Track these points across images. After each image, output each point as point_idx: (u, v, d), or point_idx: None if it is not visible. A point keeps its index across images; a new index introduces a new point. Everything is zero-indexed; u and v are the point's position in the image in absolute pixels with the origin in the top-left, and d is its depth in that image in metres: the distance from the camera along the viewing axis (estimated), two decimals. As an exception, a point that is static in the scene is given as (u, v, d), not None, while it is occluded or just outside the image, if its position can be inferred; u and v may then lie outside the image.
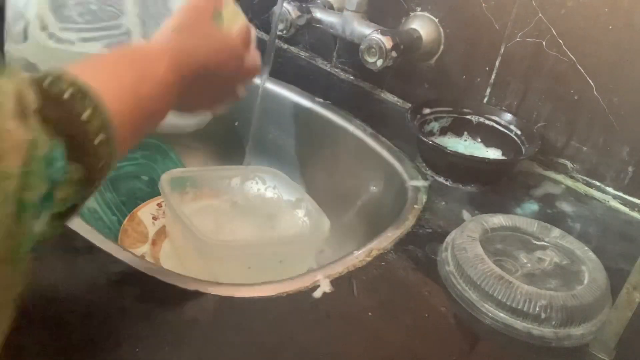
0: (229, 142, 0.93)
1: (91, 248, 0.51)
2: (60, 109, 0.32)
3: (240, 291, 0.51)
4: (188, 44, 0.46)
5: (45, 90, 0.32)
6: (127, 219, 0.77)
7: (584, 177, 0.77)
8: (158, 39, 0.47)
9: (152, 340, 0.44)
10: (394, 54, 0.80)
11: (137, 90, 0.40)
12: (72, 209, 0.34)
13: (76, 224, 0.53)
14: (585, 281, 0.55)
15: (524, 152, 0.75)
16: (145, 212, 0.79)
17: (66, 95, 0.32)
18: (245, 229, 0.77)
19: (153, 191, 0.82)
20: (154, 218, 0.79)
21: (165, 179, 0.69)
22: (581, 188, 0.77)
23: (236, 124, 0.89)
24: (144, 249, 0.74)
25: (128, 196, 0.85)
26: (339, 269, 0.55)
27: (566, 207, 0.72)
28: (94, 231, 0.53)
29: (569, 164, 0.78)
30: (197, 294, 0.49)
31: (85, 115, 0.33)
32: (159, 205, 0.81)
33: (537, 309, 0.51)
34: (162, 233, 0.76)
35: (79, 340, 0.43)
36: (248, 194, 0.81)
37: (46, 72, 0.33)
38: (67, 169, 0.32)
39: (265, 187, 0.80)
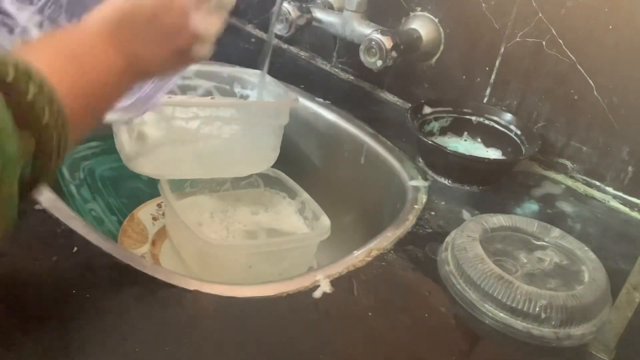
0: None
1: (91, 248, 0.52)
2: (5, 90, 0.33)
3: (241, 291, 0.51)
4: (136, 52, 0.44)
5: None
6: (127, 219, 0.77)
7: (584, 177, 0.77)
8: (99, 42, 0.43)
9: (152, 340, 0.44)
10: (394, 54, 0.80)
11: (82, 84, 0.40)
12: (34, 181, 0.36)
13: (76, 224, 0.53)
14: (585, 281, 0.55)
15: (524, 152, 0.75)
16: (145, 212, 0.79)
17: (9, 79, 0.33)
18: (244, 228, 0.77)
19: (153, 192, 0.82)
20: (154, 218, 0.79)
21: (164, 180, 0.69)
22: (581, 188, 0.77)
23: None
24: (143, 249, 0.74)
25: (128, 197, 0.85)
26: (339, 269, 0.55)
27: (566, 207, 0.72)
28: (93, 231, 0.53)
29: (569, 164, 0.78)
30: (197, 294, 0.49)
31: (30, 95, 0.33)
32: (159, 205, 0.81)
33: (537, 309, 0.51)
34: (162, 233, 0.76)
35: (79, 340, 0.43)
36: (248, 193, 0.81)
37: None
38: (17, 134, 0.32)
39: (265, 187, 0.80)
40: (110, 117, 0.48)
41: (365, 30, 0.83)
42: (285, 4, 0.87)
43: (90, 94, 0.41)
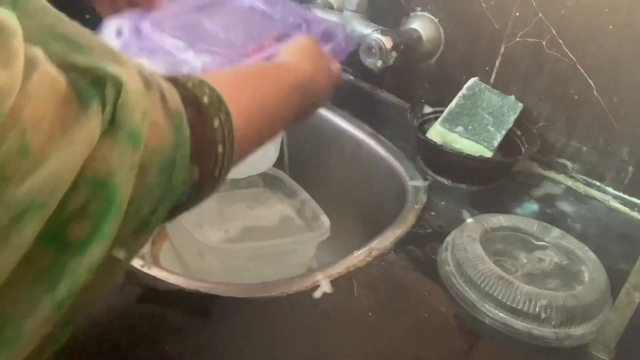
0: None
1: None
2: (196, 111, 0.33)
3: (241, 291, 0.51)
4: (308, 67, 0.52)
5: (186, 91, 0.33)
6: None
7: (584, 177, 0.77)
8: (284, 58, 0.53)
9: (152, 340, 0.44)
10: (394, 54, 0.80)
11: (264, 100, 0.42)
12: (178, 208, 0.35)
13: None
14: (585, 281, 0.55)
15: (523, 152, 0.75)
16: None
17: (205, 100, 0.34)
18: (244, 228, 0.77)
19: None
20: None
21: None
22: (581, 188, 0.77)
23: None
24: (144, 249, 0.74)
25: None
26: (339, 269, 0.55)
27: (566, 207, 0.72)
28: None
29: (569, 164, 0.78)
30: (197, 294, 0.49)
31: (216, 122, 0.34)
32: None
33: (537, 309, 0.51)
34: (162, 233, 0.76)
35: (78, 340, 0.43)
36: (247, 193, 0.81)
37: (186, 75, 0.35)
38: (188, 168, 0.32)
39: (265, 187, 0.81)
40: None
41: (365, 30, 0.83)
42: (285, 4, 0.87)
43: (263, 109, 0.42)
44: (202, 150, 0.33)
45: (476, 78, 0.79)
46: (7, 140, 0.22)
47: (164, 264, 0.72)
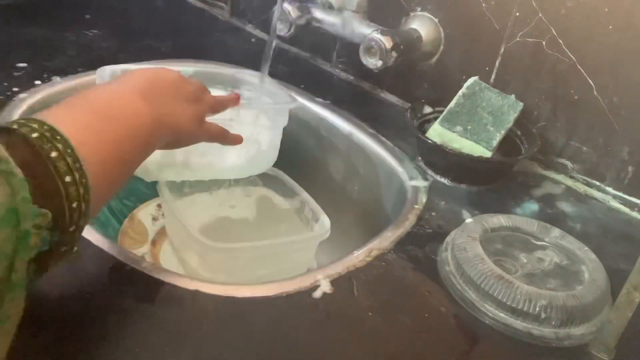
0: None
1: (91, 248, 0.51)
2: (28, 148, 0.31)
3: (241, 291, 0.51)
4: (163, 110, 0.47)
5: (13, 131, 0.31)
6: (126, 220, 0.77)
7: (584, 177, 0.77)
8: (131, 98, 0.45)
9: (152, 340, 0.44)
10: (394, 54, 0.80)
11: (119, 145, 0.40)
12: (47, 257, 0.33)
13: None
14: (585, 281, 0.55)
15: (523, 152, 0.75)
16: (145, 213, 0.79)
17: (35, 135, 0.32)
18: (244, 228, 0.77)
19: (152, 192, 0.82)
20: (154, 219, 0.79)
21: (163, 181, 0.69)
22: (581, 188, 0.77)
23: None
24: (144, 249, 0.74)
25: (128, 197, 0.85)
26: (339, 269, 0.55)
27: (566, 207, 0.72)
28: (93, 231, 0.53)
29: (569, 164, 0.78)
30: (197, 294, 0.49)
31: (53, 154, 0.32)
32: (159, 206, 0.81)
33: (537, 309, 0.51)
34: (162, 233, 0.76)
35: (79, 340, 0.43)
36: (247, 192, 0.81)
37: (14, 120, 0.33)
38: (35, 212, 0.30)
39: (264, 186, 0.80)
40: None
41: (365, 30, 0.83)
42: (285, 4, 0.87)
43: (118, 141, 0.40)
44: (47, 187, 0.31)
45: (476, 77, 0.79)
46: None
47: (164, 264, 0.72)
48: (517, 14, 0.77)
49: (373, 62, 0.80)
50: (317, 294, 0.52)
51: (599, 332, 0.49)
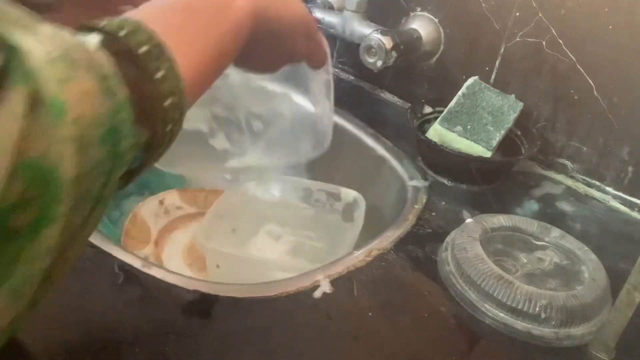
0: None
1: (91, 248, 0.52)
2: (133, 65, 0.29)
3: (241, 291, 0.51)
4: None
5: (119, 41, 0.29)
6: (128, 219, 0.77)
7: (584, 177, 0.77)
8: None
9: (152, 340, 0.44)
10: (394, 54, 0.80)
11: (207, 34, 0.36)
12: (132, 172, 0.32)
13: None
14: (585, 281, 0.55)
15: (523, 152, 0.75)
16: (147, 210, 0.78)
17: (142, 50, 0.30)
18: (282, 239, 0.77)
19: (155, 187, 0.82)
20: (156, 216, 0.78)
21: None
22: (581, 188, 0.77)
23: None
24: (147, 250, 0.73)
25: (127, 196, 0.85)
26: (339, 269, 0.55)
27: (566, 207, 0.72)
28: (97, 233, 0.53)
29: (569, 164, 0.78)
30: (197, 294, 0.49)
31: (158, 74, 0.30)
32: (161, 202, 0.80)
33: (537, 309, 0.51)
34: (164, 232, 0.76)
35: (78, 340, 0.43)
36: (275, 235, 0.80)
37: (120, 21, 0.30)
38: (134, 133, 0.29)
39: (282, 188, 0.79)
40: None
41: (365, 30, 0.83)
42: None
43: (216, 54, 0.37)
44: (147, 108, 0.30)
45: (476, 77, 0.79)
46: None
47: (167, 264, 0.72)
48: (517, 14, 0.77)
49: (373, 62, 0.80)
50: (317, 294, 0.52)
51: (599, 332, 0.49)
